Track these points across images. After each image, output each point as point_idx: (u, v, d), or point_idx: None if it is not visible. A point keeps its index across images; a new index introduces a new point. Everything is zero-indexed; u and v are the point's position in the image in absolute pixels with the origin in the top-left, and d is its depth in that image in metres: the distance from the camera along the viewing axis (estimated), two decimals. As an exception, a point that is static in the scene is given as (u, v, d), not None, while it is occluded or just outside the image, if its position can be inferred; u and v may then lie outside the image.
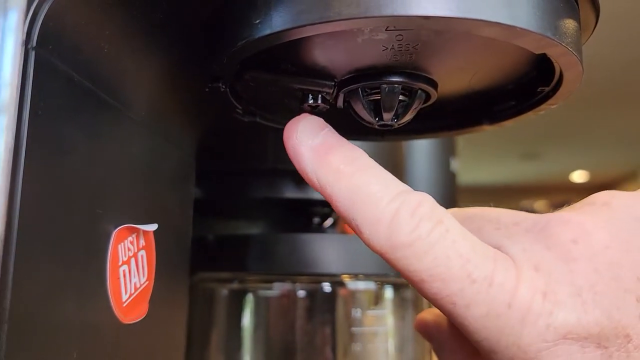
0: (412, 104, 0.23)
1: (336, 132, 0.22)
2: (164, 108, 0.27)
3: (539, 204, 5.16)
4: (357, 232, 0.20)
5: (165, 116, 0.28)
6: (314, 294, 0.42)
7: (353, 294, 0.43)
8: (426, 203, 0.20)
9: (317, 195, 0.43)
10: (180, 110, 0.29)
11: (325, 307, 0.42)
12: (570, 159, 4.40)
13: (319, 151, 0.21)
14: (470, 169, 4.46)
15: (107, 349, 0.22)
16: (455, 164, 0.63)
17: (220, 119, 0.32)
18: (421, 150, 0.59)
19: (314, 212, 0.47)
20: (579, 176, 5.03)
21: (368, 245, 0.20)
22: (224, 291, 0.44)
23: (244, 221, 0.54)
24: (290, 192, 0.42)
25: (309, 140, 0.21)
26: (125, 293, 0.23)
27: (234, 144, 0.39)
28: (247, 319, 0.44)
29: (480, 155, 4.05)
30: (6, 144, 0.13)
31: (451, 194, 0.62)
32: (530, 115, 0.26)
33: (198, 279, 0.43)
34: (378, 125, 0.23)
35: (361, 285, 0.43)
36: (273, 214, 0.52)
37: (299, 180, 0.42)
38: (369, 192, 0.20)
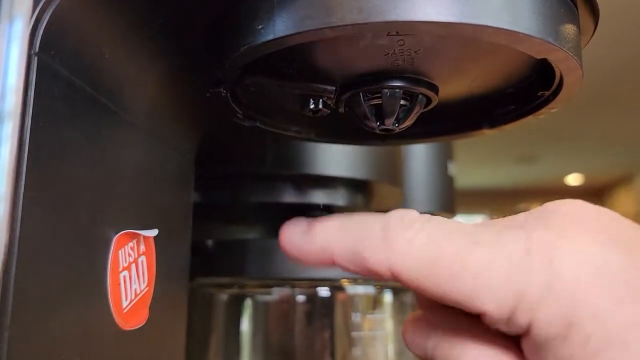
0: (413, 109, 0.23)
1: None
2: (164, 113, 0.27)
3: (535, 207, 5.15)
4: (363, 263, 0.20)
5: (165, 121, 0.28)
6: (313, 299, 0.42)
7: (352, 298, 0.43)
8: (412, 211, 0.20)
9: (315, 200, 0.43)
10: (180, 114, 0.29)
11: (324, 311, 0.42)
12: (566, 162, 4.42)
13: (308, 231, 0.22)
14: (466, 172, 4.47)
15: (107, 356, 0.22)
16: (452, 168, 0.63)
17: (220, 124, 0.32)
18: (419, 154, 0.59)
19: (313, 217, 0.47)
20: (574, 179, 5.04)
21: (375, 269, 0.19)
22: (223, 296, 0.44)
23: (242, 226, 0.54)
24: (289, 197, 0.42)
25: (298, 229, 0.23)
26: (126, 299, 0.23)
27: (232, 148, 0.39)
28: (246, 324, 0.43)
29: (476, 159, 4.06)
30: (11, 150, 0.13)
31: (449, 198, 0.62)
32: (530, 119, 0.26)
33: (197, 284, 0.43)
34: (379, 130, 0.23)
35: (360, 289, 0.43)
36: (272, 218, 0.52)
37: (297, 184, 0.42)
38: (357, 227, 0.20)
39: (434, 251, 0.18)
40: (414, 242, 0.19)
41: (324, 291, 0.42)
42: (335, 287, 0.42)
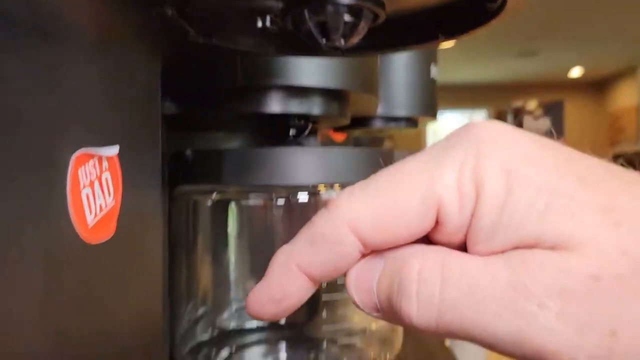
0: (358, 24, 0.23)
1: None
2: (116, 31, 0.27)
3: (531, 103, 5.12)
4: (322, 241, 0.19)
5: (120, 38, 0.27)
6: (292, 203, 0.44)
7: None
8: None
9: (291, 108, 0.43)
10: (136, 33, 0.29)
11: (303, 215, 0.44)
12: (568, 55, 4.33)
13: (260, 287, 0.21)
14: (467, 67, 4.39)
15: (76, 271, 0.24)
16: (435, 70, 0.63)
17: (183, 40, 0.32)
18: (400, 58, 0.59)
19: (291, 125, 0.48)
20: (576, 72, 4.96)
21: (335, 237, 0.19)
22: (207, 202, 0.46)
23: (222, 134, 0.55)
24: (264, 107, 0.42)
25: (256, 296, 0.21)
26: (90, 214, 0.25)
27: (203, 61, 0.39)
28: (230, 226, 0.45)
29: (477, 53, 3.97)
30: None
31: (431, 102, 0.62)
32: (482, 30, 0.26)
33: (180, 191, 0.45)
34: (326, 47, 0.23)
35: (336, 195, 0.44)
36: (251, 126, 0.52)
37: (271, 94, 0.42)
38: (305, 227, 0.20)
39: (373, 181, 0.19)
40: (353, 192, 0.19)
41: (302, 196, 0.43)
42: (312, 193, 0.43)
